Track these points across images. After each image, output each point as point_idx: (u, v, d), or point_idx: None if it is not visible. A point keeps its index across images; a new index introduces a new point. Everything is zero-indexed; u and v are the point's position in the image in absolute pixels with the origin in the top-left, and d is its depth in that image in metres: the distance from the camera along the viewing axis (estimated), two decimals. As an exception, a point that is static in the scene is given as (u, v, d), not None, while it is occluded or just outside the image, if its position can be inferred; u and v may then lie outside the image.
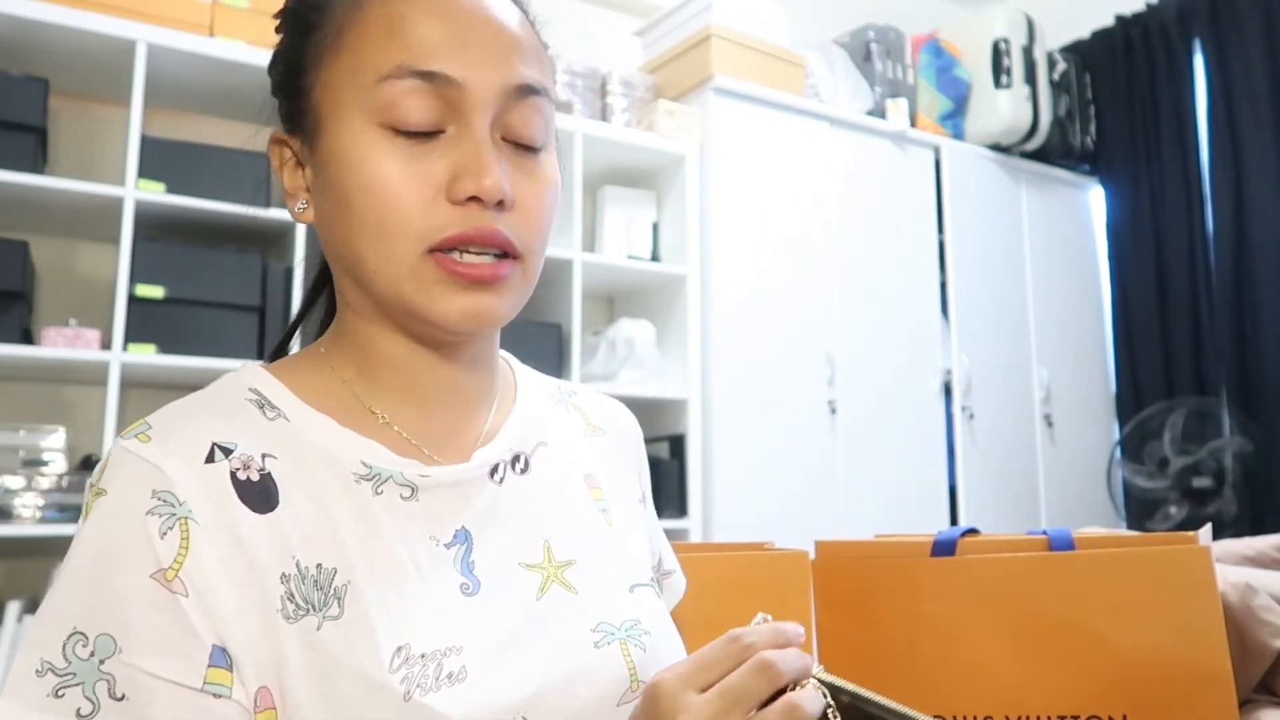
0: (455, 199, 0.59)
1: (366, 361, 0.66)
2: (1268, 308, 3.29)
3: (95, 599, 0.54)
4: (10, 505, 2.01)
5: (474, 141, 0.60)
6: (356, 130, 0.60)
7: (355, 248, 0.61)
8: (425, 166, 0.60)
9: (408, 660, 0.56)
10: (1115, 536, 0.98)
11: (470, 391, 0.69)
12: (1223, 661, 0.84)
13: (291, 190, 0.66)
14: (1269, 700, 1.01)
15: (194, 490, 0.57)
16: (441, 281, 0.60)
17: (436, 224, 0.60)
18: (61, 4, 2.09)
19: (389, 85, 0.60)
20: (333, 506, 0.60)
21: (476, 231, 0.60)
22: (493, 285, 0.61)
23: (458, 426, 0.69)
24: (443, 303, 0.60)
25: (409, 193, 0.59)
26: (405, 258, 0.60)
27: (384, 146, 0.60)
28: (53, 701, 0.52)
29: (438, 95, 0.60)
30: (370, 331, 0.66)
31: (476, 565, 0.64)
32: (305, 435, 0.63)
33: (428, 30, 0.60)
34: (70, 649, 0.53)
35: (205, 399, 0.63)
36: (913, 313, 3.16)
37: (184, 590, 0.54)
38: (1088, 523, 3.31)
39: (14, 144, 2.05)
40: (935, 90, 3.33)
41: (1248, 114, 3.38)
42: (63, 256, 2.35)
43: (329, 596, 0.57)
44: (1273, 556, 1.22)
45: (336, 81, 0.62)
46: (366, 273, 0.61)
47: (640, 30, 3.12)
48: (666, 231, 2.88)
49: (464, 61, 0.60)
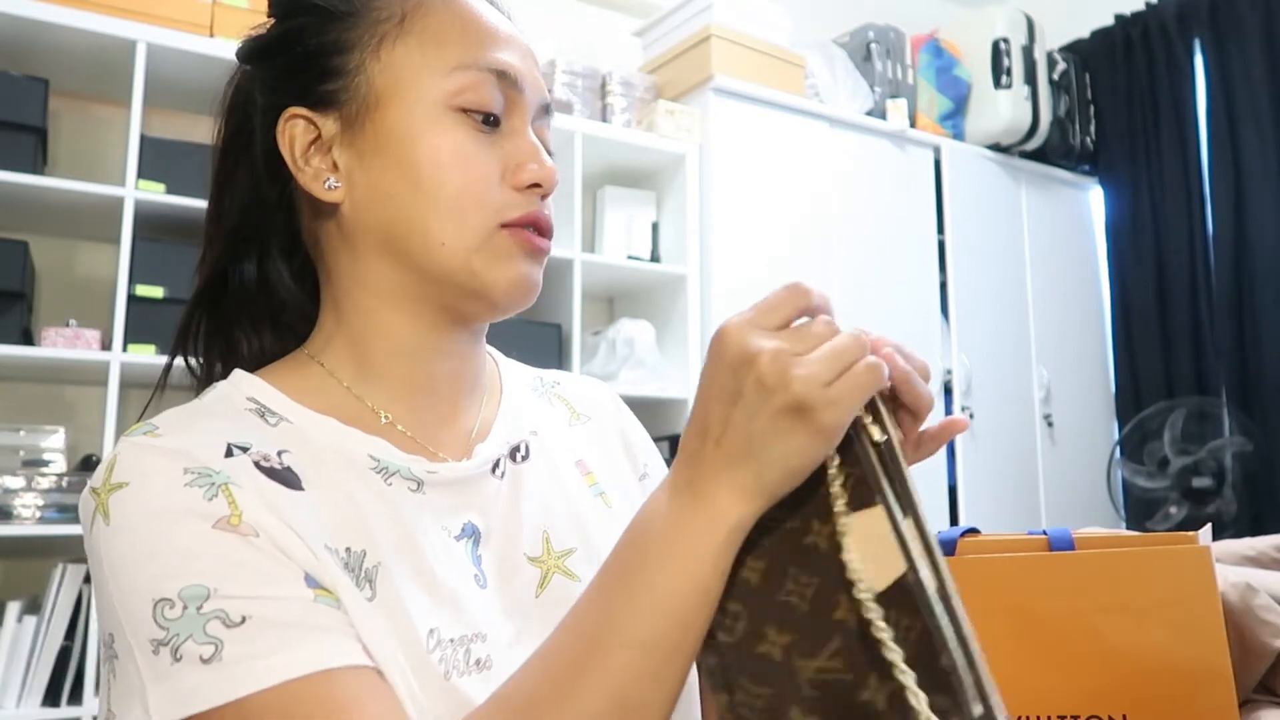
0: (519, 184, 0.65)
1: (368, 355, 0.66)
2: (1268, 308, 3.29)
3: (164, 567, 0.52)
4: (10, 505, 2.01)
5: (528, 139, 0.66)
6: (429, 110, 0.64)
7: (423, 220, 0.63)
8: (491, 152, 0.65)
9: (440, 643, 0.58)
10: (1115, 536, 0.98)
11: (466, 382, 0.71)
12: (1223, 661, 0.84)
13: (317, 169, 0.65)
14: (1269, 700, 1.01)
15: (225, 466, 0.56)
16: (512, 255, 0.64)
17: (506, 203, 0.64)
18: (61, 4, 2.09)
19: (465, 74, 0.64)
20: (354, 492, 0.61)
21: (544, 217, 0.66)
22: (543, 261, 0.67)
23: (452, 418, 0.69)
24: (510, 270, 0.64)
25: (484, 170, 0.64)
26: (480, 229, 0.63)
27: (459, 128, 0.64)
28: (178, 666, 0.51)
29: (504, 93, 0.65)
30: (386, 318, 0.66)
31: (484, 559, 0.65)
32: (311, 436, 0.63)
33: (494, 34, 0.66)
34: (159, 616, 0.52)
35: (206, 407, 0.63)
36: (913, 313, 3.16)
37: (253, 532, 0.54)
38: (1088, 523, 3.30)
39: (14, 144, 2.05)
40: (935, 90, 3.33)
41: (1248, 114, 3.38)
42: (63, 256, 2.35)
43: (361, 578, 0.57)
44: (1273, 556, 1.22)
45: (404, 64, 0.64)
46: (430, 245, 0.63)
47: (640, 30, 3.12)
48: (666, 231, 2.88)
49: (522, 69, 0.67)
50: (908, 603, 0.45)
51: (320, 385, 0.66)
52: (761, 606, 0.49)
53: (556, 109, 2.67)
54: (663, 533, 0.50)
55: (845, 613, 0.47)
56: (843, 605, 0.47)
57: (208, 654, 0.51)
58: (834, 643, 0.47)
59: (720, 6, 2.84)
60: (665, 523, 0.50)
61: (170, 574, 0.52)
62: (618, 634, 0.49)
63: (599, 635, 0.50)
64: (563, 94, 2.74)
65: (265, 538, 0.54)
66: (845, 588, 0.47)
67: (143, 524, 0.54)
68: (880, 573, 0.46)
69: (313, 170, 0.65)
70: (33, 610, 2.01)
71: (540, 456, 0.73)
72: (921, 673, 0.44)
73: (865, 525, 0.47)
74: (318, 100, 0.66)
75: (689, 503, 0.50)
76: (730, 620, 0.50)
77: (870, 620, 0.45)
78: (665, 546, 0.50)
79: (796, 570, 0.49)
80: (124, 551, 0.53)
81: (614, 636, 0.49)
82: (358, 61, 0.65)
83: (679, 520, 0.50)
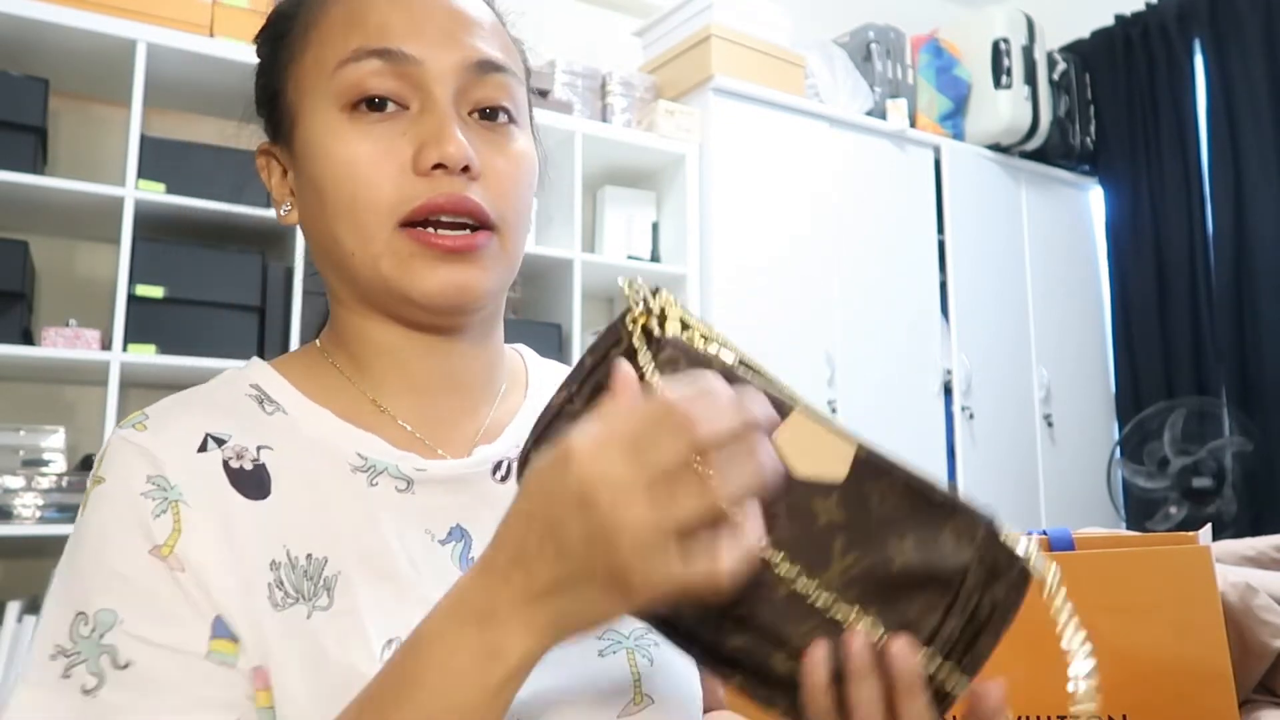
0: (421, 169, 0.60)
1: (361, 353, 0.66)
2: (1268, 308, 3.29)
3: (95, 579, 0.55)
4: (10, 505, 2.01)
5: (436, 114, 0.61)
6: (323, 118, 0.62)
7: (332, 232, 0.62)
8: (391, 143, 0.60)
9: None
10: (1115, 536, 0.98)
11: (469, 380, 0.68)
12: (1223, 661, 0.84)
13: (278, 196, 0.68)
14: (1269, 700, 1.01)
15: (185, 475, 0.57)
16: (416, 255, 0.60)
17: (405, 196, 0.60)
18: (61, 4, 2.09)
19: (350, 69, 0.61)
20: (328, 496, 0.60)
21: (445, 198, 0.60)
22: (470, 256, 0.61)
23: (457, 416, 0.68)
24: (421, 277, 0.60)
25: (377, 169, 0.60)
26: (378, 233, 0.60)
27: (349, 129, 0.61)
28: (63, 682, 0.53)
29: (398, 74, 0.61)
30: (360, 324, 0.66)
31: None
32: (303, 428, 0.63)
33: (385, 16, 0.62)
34: (75, 629, 0.54)
35: (205, 393, 0.64)
36: (913, 313, 3.15)
37: (180, 566, 0.55)
38: (1088, 523, 3.31)
39: (14, 144, 2.05)
40: (935, 90, 3.33)
41: (1248, 114, 3.38)
42: (63, 256, 2.35)
43: (318, 586, 0.57)
44: (1273, 556, 1.22)
45: (304, 76, 0.64)
46: (344, 256, 0.62)
47: (640, 30, 3.12)
48: (666, 231, 2.88)
49: (421, 40, 0.61)
50: (874, 470, 0.47)
51: (324, 377, 0.67)
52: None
53: (556, 109, 2.68)
54: (443, 663, 0.45)
55: (829, 513, 0.47)
56: (821, 511, 0.47)
57: (90, 685, 0.52)
58: (837, 542, 0.47)
59: (720, 6, 2.84)
60: (447, 651, 0.46)
61: (96, 590, 0.54)
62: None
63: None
64: (563, 94, 2.74)
65: (190, 574, 0.55)
66: (813, 494, 0.47)
67: (95, 531, 0.56)
68: (836, 464, 0.48)
69: (277, 197, 0.68)
70: (33, 610, 2.01)
71: None
72: (925, 516, 0.46)
73: (793, 435, 0.48)
74: (271, 130, 0.68)
75: (474, 635, 0.45)
76: None
77: (858, 497, 0.47)
78: (440, 678, 0.45)
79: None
80: (80, 547, 0.56)
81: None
82: (281, 83, 0.66)
83: (459, 653, 0.45)
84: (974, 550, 0.46)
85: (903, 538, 0.46)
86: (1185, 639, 0.85)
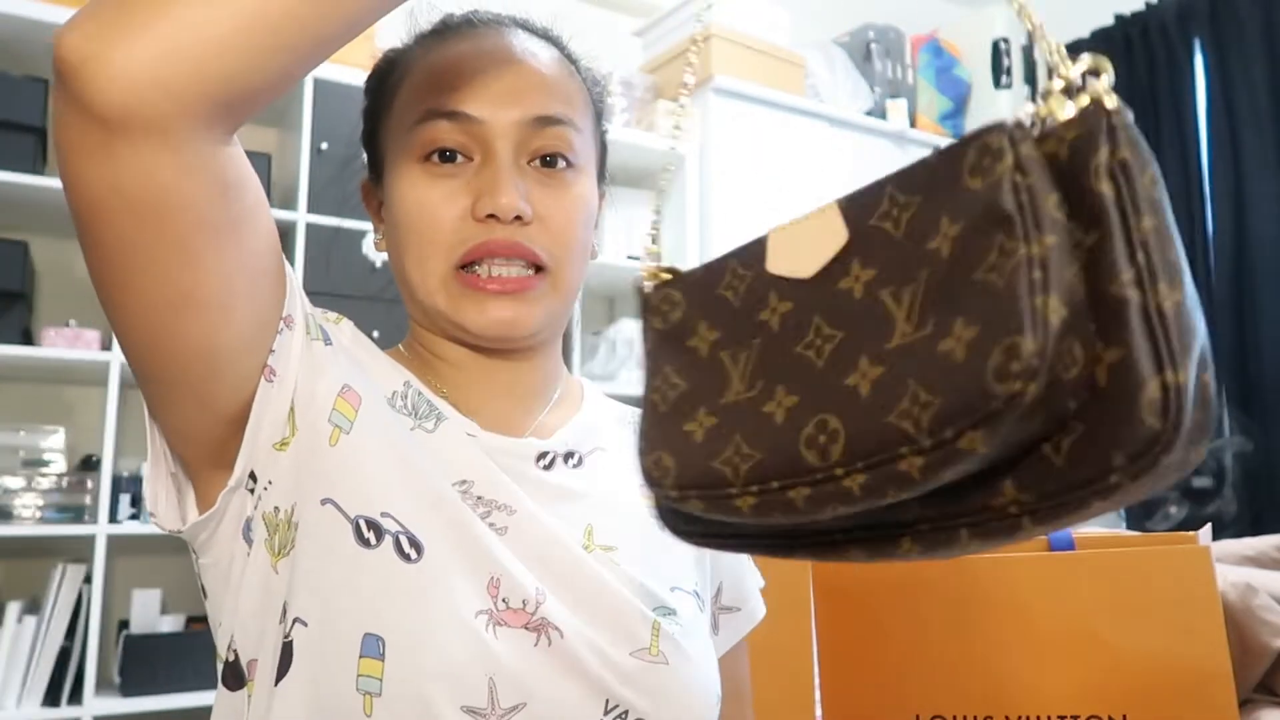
0: (477, 217, 0.67)
1: (431, 362, 0.74)
2: (1268, 308, 3.29)
3: None
4: (10, 505, 2.01)
5: (494, 167, 0.68)
6: (404, 166, 0.70)
7: (403, 264, 0.70)
8: (454, 192, 0.68)
9: (467, 494, 0.68)
10: (1115, 536, 0.98)
11: (528, 385, 0.76)
12: (1223, 661, 0.84)
13: (375, 225, 0.77)
14: (1269, 700, 1.01)
15: (335, 330, 0.71)
16: (467, 295, 0.68)
17: (463, 238, 0.67)
18: (61, 4, 2.09)
19: (423, 128, 0.69)
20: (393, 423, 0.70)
21: (496, 242, 0.67)
22: (519, 295, 0.68)
23: (512, 413, 0.74)
24: (472, 314, 0.68)
25: (440, 215, 0.68)
26: (437, 272, 0.68)
27: (422, 178, 0.69)
28: None
29: (464, 131, 0.69)
30: (429, 339, 0.74)
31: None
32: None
33: (457, 78, 0.69)
34: None
35: None
36: (913, 313, 3.15)
37: (273, 375, 0.64)
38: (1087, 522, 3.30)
39: (14, 144, 2.05)
40: (935, 90, 3.33)
41: (1248, 114, 3.38)
42: (63, 256, 2.35)
43: (420, 415, 0.69)
44: (1273, 556, 1.22)
45: (393, 129, 0.72)
46: (413, 286, 0.70)
47: (640, 30, 3.12)
48: (667, 231, 2.88)
49: (485, 100, 0.69)
50: (862, 208, 0.46)
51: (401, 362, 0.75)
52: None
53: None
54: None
55: (852, 283, 0.44)
56: (850, 277, 0.44)
57: None
58: (885, 292, 0.42)
59: (720, 6, 2.84)
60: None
61: None
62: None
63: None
64: (563, 94, 2.74)
65: (277, 384, 0.63)
66: (837, 279, 0.45)
67: None
68: (833, 237, 0.46)
69: (375, 225, 0.77)
70: (33, 610, 2.01)
71: (600, 468, 0.75)
72: (942, 193, 0.43)
73: (782, 249, 0.48)
74: (372, 169, 0.77)
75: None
76: None
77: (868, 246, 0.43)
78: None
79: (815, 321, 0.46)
80: None
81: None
82: (375, 127, 0.75)
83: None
84: (1011, 154, 0.39)
85: (940, 328, 0.39)
86: (1185, 639, 0.85)
